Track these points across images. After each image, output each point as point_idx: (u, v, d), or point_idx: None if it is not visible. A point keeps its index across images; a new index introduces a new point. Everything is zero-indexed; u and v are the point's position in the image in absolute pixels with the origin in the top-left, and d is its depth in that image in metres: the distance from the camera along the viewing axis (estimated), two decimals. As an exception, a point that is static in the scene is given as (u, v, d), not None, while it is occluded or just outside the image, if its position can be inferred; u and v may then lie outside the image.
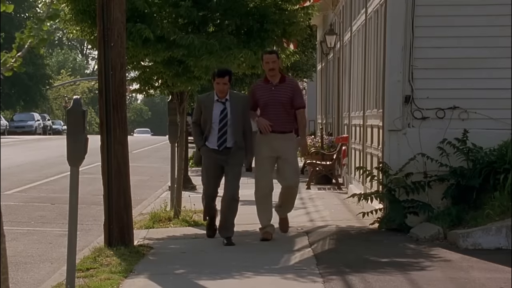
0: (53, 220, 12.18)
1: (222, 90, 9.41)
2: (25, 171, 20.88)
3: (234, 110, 9.43)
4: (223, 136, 9.46)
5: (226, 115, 9.43)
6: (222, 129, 9.44)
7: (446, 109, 10.63)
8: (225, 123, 9.43)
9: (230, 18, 11.27)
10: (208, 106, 9.46)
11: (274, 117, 9.60)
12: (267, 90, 9.67)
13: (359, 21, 14.64)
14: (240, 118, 9.45)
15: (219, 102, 9.46)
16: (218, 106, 9.45)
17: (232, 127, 9.42)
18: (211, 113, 9.43)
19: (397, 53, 10.69)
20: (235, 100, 9.51)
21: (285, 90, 9.65)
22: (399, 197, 10.47)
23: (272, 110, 9.63)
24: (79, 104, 6.54)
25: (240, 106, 9.46)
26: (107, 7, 9.05)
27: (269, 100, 9.63)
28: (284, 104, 9.62)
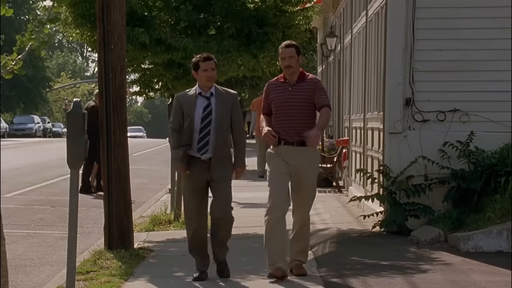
0: (53, 223, 12.16)
1: (211, 77, 7.61)
2: (25, 174, 20.87)
3: (221, 108, 7.56)
4: (204, 138, 7.54)
5: (210, 113, 7.56)
6: (204, 130, 7.55)
7: (447, 111, 10.61)
8: (208, 123, 7.55)
9: (230, 22, 11.26)
10: (190, 104, 7.61)
11: (289, 124, 7.64)
12: (283, 90, 7.72)
13: (359, 24, 14.63)
14: (228, 119, 7.59)
15: (203, 96, 7.62)
16: (201, 102, 7.61)
17: (216, 130, 7.54)
18: (193, 110, 7.58)
19: (398, 55, 10.67)
20: (223, 96, 7.64)
21: (304, 90, 7.66)
22: (400, 200, 10.46)
23: (288, 115, 7.65)
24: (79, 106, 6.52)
25: (228, 104, 7.61)
26: (107, 10, 9.05)
27: (284, 103, 7.67)
28: (303, 107, 7.64)
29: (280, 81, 7.80)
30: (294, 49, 7.76)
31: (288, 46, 7.79)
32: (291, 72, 7.70)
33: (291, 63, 7.71)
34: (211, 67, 7.63)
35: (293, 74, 7.72)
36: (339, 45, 18.76)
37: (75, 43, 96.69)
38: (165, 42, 10.83)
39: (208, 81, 7.61)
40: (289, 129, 7.63)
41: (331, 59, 20.86)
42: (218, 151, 7.56)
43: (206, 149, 7.55)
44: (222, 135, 7.57)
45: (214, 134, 7.54)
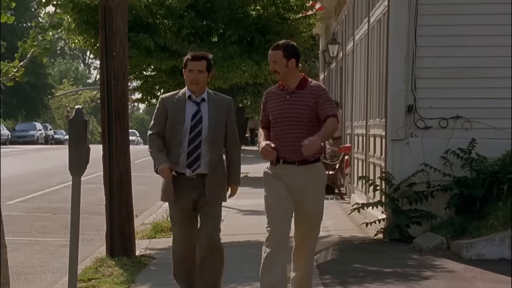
0: (54, 230, 12.14)
1: (196, 80, 6.38)
2: (26, 181, 20.85)
3: (213, 116, 6.41)
4: (194, 151, 6.37)
5: (200, 121, 6.39)
6: (194, 142, 6.36)
7: (449, 118, 10.60)
8: (198, 133, 6.37)
9: (233, 29, 11.28)
10: (177, 108, 6.41)
11: (287, 139, 6.35)
12: (280, 99, 6.46)
13: (361, 31, 14.63)
14: (222, 129, 6.46)
15: (192, 101, 6.44)
16: (190, 107, 6.44)
17: (208, 141, 6.38)
18: (181, 118, 6.40)
19: (400, 62, 10.67)
20: (216, 102, 6.48)
21: (304, 99, 6.40)
22: (402, 207, 10.44)
23: (286, 129, 6.39)
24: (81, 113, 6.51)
25: (222, 112, 6.46)
26: (109, 17, 9.04)
27: (281, 113, 6.42)
28: (304, 119, 6.37)
29: (280, 88, 6.51)
30: (280, 51, 6.39)
31: (274, 48, 6.47)
32: (279, 78, 6.48)
33: (276, 68, 6.42)
34: (198, 69, 6.39)
35: (290, 79, 6.44)
36: (341, 52, 18.76)
37: (77, 50, 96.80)
38: (169, 49, 10.86)
39: (192, 84, 6.40)
40: (288, 145, 6.34)
41: (333, 66, 20.86)
42: (211, 167, 6.38)
43: (198, 165, 6.35)
44: (215, 148, 6.40)
45: (205, 147, 6.35)
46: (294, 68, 6.41)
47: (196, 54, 6.50)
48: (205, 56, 6.48)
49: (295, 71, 6.44)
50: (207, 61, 6.45)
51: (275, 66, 6.45)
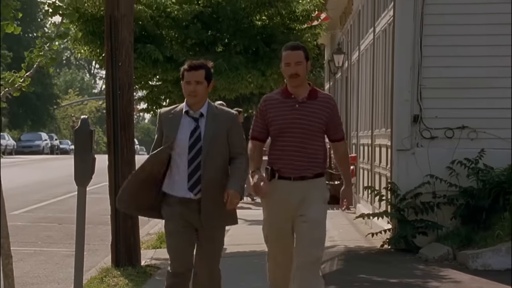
0: (60, 241, 12.13)
1: (194, 92, 5.65)
2: (32, 191, 20.86)
3: (213, 133, 5.65)
4: (195, 173, 5.63)
5: (199, 139, 5.64)
6: (194, 162, 5.64)
7: (455, 128, 10.58)
8: (197, 152, 5.63)
9: (238, 39, 11.30)
10: (172, 125, 5.71)
11: (294, 154, 5.77)
12: (288, 108, 5.79)
13: (367, 40, 14.63)
14: (224, 146, 5.69)
15: (190, 117, 5.71)
16: (187, 124, 5.70)
17: (209, 161, 5.62)
18: (174, 135, 5.68)
19: (406, 72, 10.66)
20: (216, 117, 5.71)
21: (316, 110, 5.78)
22: (408, 217, 10.41)
23: (292, 141, 5.76)
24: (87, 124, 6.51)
25: (222, 127, 5.68)
26: (115, 27, 9.06)
27: (289, 125, 5.76)
28: (314, 131, 5.78)
29: (284, 96, 5.82)
30: (302, 52, 5.80)
31: (295, 48, 5.80)
32: (298, 83, 5.76)
33: (298, 70, 5.73)
34: (195, 79, 5.66)
35: (300, 87, 5.78)
36: (347, 62, 18.76)
37: (82, 60, 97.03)
38: (176, 60, 10.90)
39: (190, 97, 5.67)
40: (291, 160, 5.75)
41: (339, 76, 20.86)
42: (212, 189, 5.62)
43: (200, 187, 5.63)
44: (216, 168, 5.64)
45: (206, 167, 5.60)
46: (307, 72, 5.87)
47: (193, 63, 5.73)
48: (203, 65, 5.72)
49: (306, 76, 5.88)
50: (206, 70, 5.69)
51: (297, 68, 5.73)
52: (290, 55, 5.79)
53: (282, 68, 5.86)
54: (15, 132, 66.83)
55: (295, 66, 5.77)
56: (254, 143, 5.88)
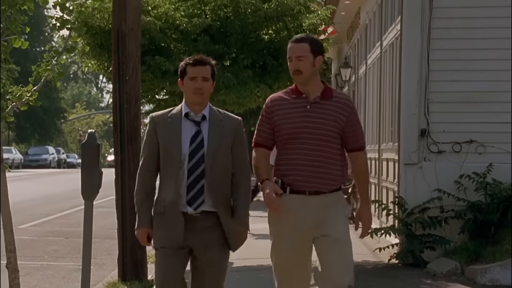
0: (67, 255, 12.12)
1: (201, 89, 4.88)
2: (39, 205, 20.87)
3: (215, 138, 4.87)
4: (195, 184, 4.84)
5: (202, 145, 4.86)
6: (194, 172, 4.84)
7: (462, 143, 10.55)
8: (199, 161, 4.84)
9: (246, 53, 11.32)
10: (171, 129, 4.89)
11: (303, 161, 4.92)
12: (298, 109, 4.95)
13: (374, 54, 14.63)
14: (226, 155, 4.90)
15: (191, 120, 4.91)
16: (187, 128, 4.90)
17: (213, 171, 4.85)
18: (176, 141, 4.86)
19: (413, 86, 10.64)
20: (219, 122, 4.93)
21: (331, 112, 4.94)
22: (416, 232, 10.37)
23: (302, 148, 4.92)
24: (94, 137, 6.51)
25: (228, 133, 4.92)
26: (122, 41, 9.07)
27: (299, 128, 4.92)
28: (328, 137, 4.93)
29: (293, 95, 4.97)
30: (307, 45, 4.92)
31: (298, 41, 4.97)
32: (301, 81, 4.93)
33: (300, 66, 4.89)
34: (202, 75, 4.90)
35: (310, 85, 4.94)
36: (354, 75, 18.76)
37: (90, 74, 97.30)
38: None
39: (195, 95, 4.88)
40: (302, 170, 4.90)
41: (346, 90, 20.86)
42: (218, 202, 4.86)
43: (201, 200, 4.84)
44: (222, 179, 4.87)
45: (210, 178, 4.82)
46: (319, 69, 5.00)
47: (200, 57, 4.98)
48: (209, 61, 4.99)
49: (318, 74, 4.99)
50: (212, 67, 4.98)
51: (298, 63, 4.87)
52: (291, 48, 4.97)
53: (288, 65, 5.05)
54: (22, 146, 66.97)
55: (296, 61, 4.90)
56: (260, 150, 4.99)
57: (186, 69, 4.96)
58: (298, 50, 4.93)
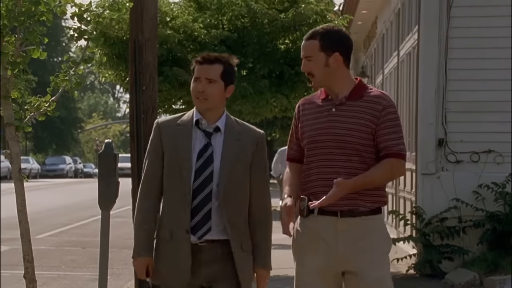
0: (83, 265, 12.13)
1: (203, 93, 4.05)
2: (56, 215, 20.92)
3: (231, 154, 4.04)
4: (201, 207, 4.02)
5: (211, 160, 4.03)
6: (201, 193, 4.02)
7: (481, 152, 10.49)
8: (207, 179, 4.02)
9: (262, 63, 11.34)
10: (179, 139, 4.08)
11: (328, 175, 4.04)
12: (322, 113, 4.14)
13: (391, 64, 14.59)
14: (246, 178, 4.07)
15: (201, 130, 4.09)
16: (197, 139, 4.08)
17: (226, 192, 4.02)
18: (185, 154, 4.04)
19: (430, 95, 10.60)
20: (237, 135, 4.09)
21: (359, 114, 4.07)
22: (434, 242, 10.31)
23: (327, 158, 4.08)
24: (111, 147, 6.52)
25: (248, 151, 4.08)
26: (139, 51, 9.09)
27: (321, 135, 4.10)
28: (356, 144, 4.05)
29: (321, 98, 4.19)
30: (316, 42, 4.10)
31: (308, 38, 4.16)
32: (315, 84, 4.17)
33: (310, 67, 4.12)
34: (206, 76, 4.05)
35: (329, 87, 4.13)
36: (371, 85, 18.71)
37: (106, 84, 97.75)
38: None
39: (197, 100, 4.06)
40: (328, 184, 3.98)
41: (362, 100, 20.82)
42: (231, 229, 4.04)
43: (208, 227, 4.02)
44: (236, 201, 4.05)
45: (221, 200, 4.01)
46: (339, 67, 4.11)
47: (208, 54, 4.15)
48: (222, 58, 4.11)
49: (344, 72, 4.13)
50: (225, 66, 4.07)
51: (308, 64, 4.12)
52: (302, 47, 4.18)
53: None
54: (40, 156, 67.32)
55: (306, 62, 4.13)
56: (291, 166, 4.22)
57: (194, 68, 4.15)
58: (306, 49, 4.13)
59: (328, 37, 4.13)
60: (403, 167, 4.07)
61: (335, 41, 4.14)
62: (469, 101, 10.55)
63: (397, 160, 4.02)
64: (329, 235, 4.03)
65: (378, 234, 4.06)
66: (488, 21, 10.51)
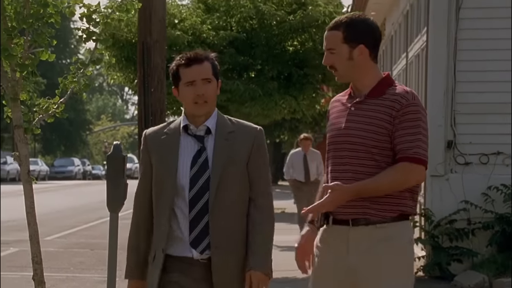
0: (92, 266, 12.14)
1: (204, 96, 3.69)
2: (65, 217, 20.95)
3: (229, 157, 3.69)
4: (200, 218, 3.67)
5: (206, 166, 3.69)
6: (198, 202, 3.67)
7: (489, 154, 10.46)
8: (203, 187, 3.67)
9: (271, 64, 11.35)
10: (166, 149, 3.76)
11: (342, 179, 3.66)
12: (342, 112, 3.80)
13: (399, 65, 14.57)
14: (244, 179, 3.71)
15: (191, 135, 3.75)
16: (188, 145, 3.74)
17: (222, 199, 3.67)
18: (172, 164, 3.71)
19: (439, 97, 10.57)
20: (231, 134, 3.75)
21: (377, 113, 3.68)
22: (442, 244, 10.28)
23: (341, 162, 3.72)
24: (119, 149, 6.52)
25: (243, 151, 3.71)
26: (147, 53, 9.10)
27: (339, 138, 3.75)
28: (370, 146, 3.66)
29: (347, 94, 3.84)
30: (340, 33, 3.71)
31: (331, 28, 3.76)
32: (338, 78, 3.81)
33: (333, 60, 3.74)
34: (202, 77, 3.69)
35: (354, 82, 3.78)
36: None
37: (115, 86, 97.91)
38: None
39: (198, 105, 3.70)
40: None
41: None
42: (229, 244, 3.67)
43: (208, 242, 3.66)
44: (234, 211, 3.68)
45: (217, 209, 3.66)
46: (365, 61, 3.73)
47: (194, 54, 3.73)
48: (207, 55, 3.75)
49: (369, 67, 3.75)
50: (212, 62, 3.74)
51: (331, 57, 3.73)
52: (324, 38, 3.79)
53: None
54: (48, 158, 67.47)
55: (328, 55, 3.74)
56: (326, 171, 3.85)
57: (178, 72, 3.74)
58: (328, 40, 3.73)
59: (353, 27, 3.71)
60: (420, 173, 3.63)
61: (361, 32, 3.71)
62: (478, 103, 10.52)
63: (411, 164, 3.59)
64: (339, 244, 3.68)
65: (395, 241, 3.62)
66: (497, 23, 10.48)
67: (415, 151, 3.62)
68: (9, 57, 4.68)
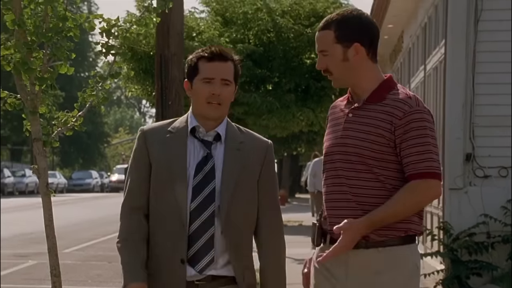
0: (109, 279, 12.15)
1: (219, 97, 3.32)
2: (82, 229, 21.00)
3: (240, 167, 3.33)
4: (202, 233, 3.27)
5: (212, 176, 3.31)
6: (201, 215, 3.27)
7: (509, 167, 10.39)
8: (208, 198, 3.28)
9: (288, 77, 11.36)
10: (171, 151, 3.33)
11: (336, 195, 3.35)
12: (339, 120, 3.42)
13: (417, 78, 14.53)
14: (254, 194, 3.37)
15: (199, 139, 3.36)
16: (193, 150, 3.34)
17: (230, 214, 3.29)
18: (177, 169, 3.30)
19: (457, 110, 10.53)
20: (241, 144, 3.38)
21: (374, 121, 3.28)
22: (462, 257, 10.21)
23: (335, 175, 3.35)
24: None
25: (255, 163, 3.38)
26: (165, 66, 9.13)
27: (334, 148, 3.37)
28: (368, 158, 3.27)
29: (345, 100, 3.49)
30: (331, 32, 3.33)
31: (321, 28, 3.38)
32: (334, 82, 3.40)
33: (327, 63, 3.37)
34: (222, 77, 3.33)
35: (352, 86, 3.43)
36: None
37: (133, 99, 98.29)
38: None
39: (211, 106, 3.34)
40: (335, 207, 3.34)
41: (388, 114, 20.74)
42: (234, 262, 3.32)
43: (210, 258, 3.28)
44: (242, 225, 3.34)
45: (223, 224, 3.29)
46: (362, 61, 3.37)
47: (219, 49, 3.38)
48: (232, 55, 3.41)
49: (368, 67, 3.39)
50: (235, 65, 3.40)
51: (324, 60, 3.36)
52: (316, 40, 3.44)
53: None
54: (66, 171, 67.73)
55: (321, 57, 3.38)
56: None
57: (197, 65, 3.34)
58: (319, 42, 3.36)
59: (345, 25, 3.32)
60: (436, 188, 3.22)
61: (354, 29, 3.33)
62: (496, 115, 10.47)
63: (425, 181, 3.19)
64: (337, 267, 3.30)
65: (390, 273, 3.23)
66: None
67: (427, 165, 3.23)
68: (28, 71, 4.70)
